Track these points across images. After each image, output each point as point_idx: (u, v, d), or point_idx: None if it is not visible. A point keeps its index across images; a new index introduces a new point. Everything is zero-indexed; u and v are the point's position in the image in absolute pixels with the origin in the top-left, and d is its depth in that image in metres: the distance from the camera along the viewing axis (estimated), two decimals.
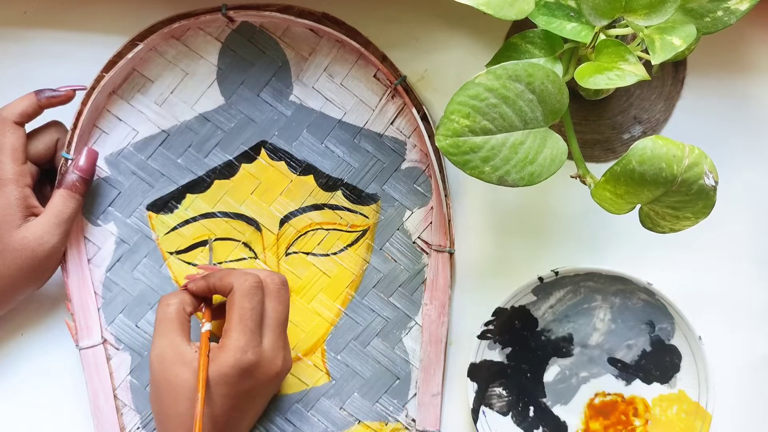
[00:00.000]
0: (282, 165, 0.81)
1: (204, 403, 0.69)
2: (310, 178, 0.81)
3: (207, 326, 0.74)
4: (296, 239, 0.81)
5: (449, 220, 0.79)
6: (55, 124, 0.79)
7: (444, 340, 0.80)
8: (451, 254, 0.80)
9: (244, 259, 0.81)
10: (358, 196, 0.81)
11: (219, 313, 0.76)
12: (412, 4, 0.81)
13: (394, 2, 0.81)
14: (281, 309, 0.74)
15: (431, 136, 0.79)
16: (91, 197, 0.81)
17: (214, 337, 0.76)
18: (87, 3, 0.82)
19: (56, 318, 0.81)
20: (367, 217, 0.81)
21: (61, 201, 0.76)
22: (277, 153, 0.81)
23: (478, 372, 0.78)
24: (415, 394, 0.80)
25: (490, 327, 0.78)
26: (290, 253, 0.81)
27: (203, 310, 0.76)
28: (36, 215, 0.76)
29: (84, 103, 0.78)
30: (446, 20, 0.81)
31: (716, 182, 0.62)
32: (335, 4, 0.81)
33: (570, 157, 0.68)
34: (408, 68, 0.81)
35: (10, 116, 0.76)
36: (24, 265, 0.75)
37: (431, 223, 0.81)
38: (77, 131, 0.78)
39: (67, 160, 0.78)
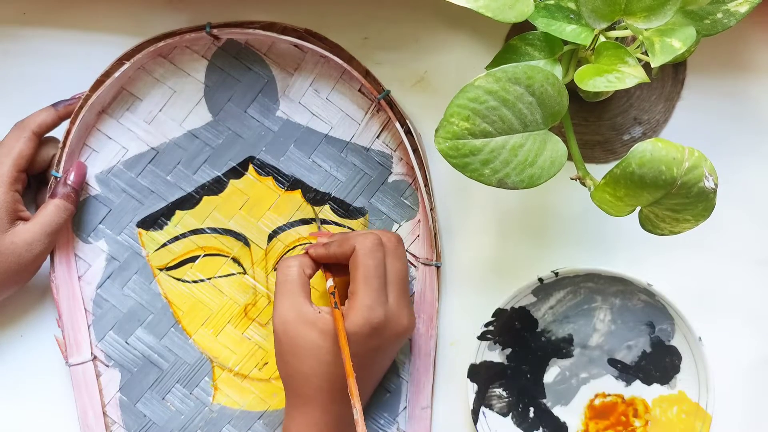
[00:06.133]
0: (270, 180, 0.81)
1: (349, 354, 0.69)
2: (298, 192, 0.81)
3: (330, 282, 0.75)
4: (285, 254, 0.81)
5: (435, 234, 0.79)
6: (53, 140, 0.80)
7: (432, 353, 0.80)
8: (438, 268, 0.80)
9: (233, 274, 0.81)
10: (345, 210, 0.81)
11: (337, 271, 0.77)
12: (412, 4, 0.81)
13: (394, 3, 0.81)
14: (400, 266, 0.75)
15: (415, 150, 0.79)
16: (81, 215, 0.81)
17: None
18: (86, 3, 0.82)
19: (45, 334, 0.81)
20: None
21: (54, 210, 0.77)
22: (264, 168, 0.81)
23: (478, 373, 0.79)
24: (405, 407, 0.80)
25: (490, 328, 0.78)
26: None
27: (323, 270, 0.77)
28: (22, 219, 0.77)
29: (72, 122, 0.79)
30: (446, 21, 0.81)
31: (716, 185, 0.62)
32: (336, 4, 0.81)
33: (570, 158, 0.67)
34: (408, 69, 0.81)
35: (31, 125, 0.78)
36: (9, 268, 0.76)
37: (419, 235, 0.81)
38: (66, 150, 0.79)
39: (56, 178, 0.78)
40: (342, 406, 0.72)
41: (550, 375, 0.80)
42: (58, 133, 0.80)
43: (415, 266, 0.81)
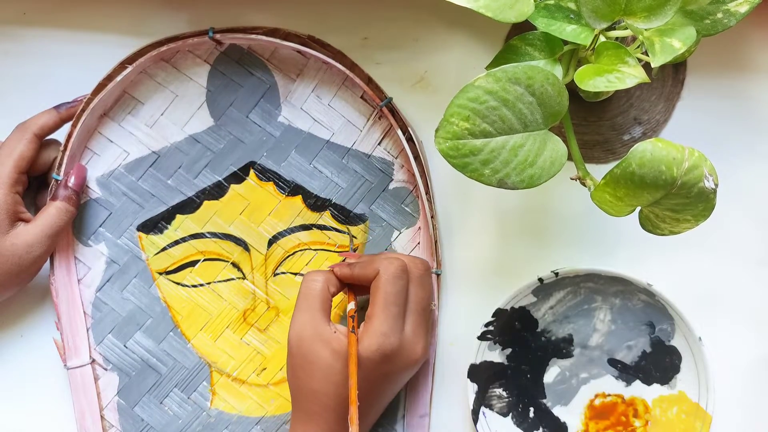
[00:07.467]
0: (270, 186, 0.81)
1: (356, 382, 0.69)
2: (299, 198, 0.81)
3: (351, 305, 0.74)
4: (284, 259, 0.81)
5: (436, 242, 0.79)
6: (54, 143, 0.81)
7: (432, 362, 0.80)
8: (438, 275, 0.80)
9: (232, 279, 0.81)
10: (346, 217, 0.81)
11: (363, 292, 0.76)
12: (412, 4, 0.81)
13: (394, 3, 0.81)
14: (423, 295, 0.74)
15: (416, 157, 0.79)
16: (82, 218, 0.81)
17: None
18: (86, 3, 0.82)
19: (45, 336, 0.81)
20: (355, 237, 0.81)
21: (55, 212, 0.77)
22: (265, 174, 0.81)
23: (479, 373, 0.78)
24: (404, 416, 0.80)
25: (490, 328, 0.78)
26: (278, 274, 0.81)
27: (347, 291, 0.76)
28: (23, 221, 0.77)
29: (74, 125, 0.79)
30: (446, 21, 0.81)
31: (716, 185, 0.62)
32: (335, 4, 0.81)
33: (570, 158, 0.67)
34: (407, 69, 0.81)
35: (33, 127, 0.78)
36: (10, 270, 0.76)
37: (419, 243, 0.81)
38: (67, 152, 0.79)
39: (57, 181, 0.78)
40: (345, 426, 0.72)
41: (550, 375, 0.80)
42: (60, 135, 0.80)
43: None
